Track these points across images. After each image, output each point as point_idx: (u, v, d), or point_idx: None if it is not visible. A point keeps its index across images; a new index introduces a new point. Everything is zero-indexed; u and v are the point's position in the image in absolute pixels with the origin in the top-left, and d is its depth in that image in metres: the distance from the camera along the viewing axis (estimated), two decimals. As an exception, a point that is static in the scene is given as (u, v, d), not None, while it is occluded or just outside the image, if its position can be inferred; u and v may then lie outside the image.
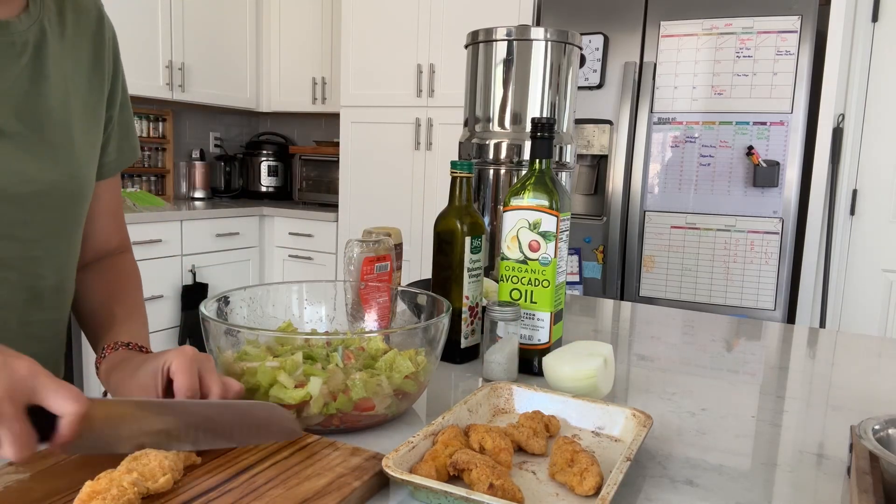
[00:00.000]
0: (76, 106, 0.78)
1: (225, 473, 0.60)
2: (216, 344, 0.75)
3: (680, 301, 2.57)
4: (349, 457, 0.64)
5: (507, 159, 1.29)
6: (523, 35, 1.27)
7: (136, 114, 3.62)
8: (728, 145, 2.46)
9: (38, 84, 0.73)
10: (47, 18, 0.76)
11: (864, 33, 2.43)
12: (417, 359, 0.76)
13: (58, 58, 0.76)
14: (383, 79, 3.30)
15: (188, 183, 3.92)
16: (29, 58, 0.73)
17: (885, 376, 1.05)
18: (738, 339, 1.27)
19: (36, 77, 0.73)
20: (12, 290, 0.75)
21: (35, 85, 0.73)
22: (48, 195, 0.75)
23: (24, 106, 0.72)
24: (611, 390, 0.90)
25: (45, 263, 0.77)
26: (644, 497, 0.62)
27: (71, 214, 0.80)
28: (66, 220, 0.79)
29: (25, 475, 0.57)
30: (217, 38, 3.68)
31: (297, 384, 0.70)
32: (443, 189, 3.14)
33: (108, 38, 0.85)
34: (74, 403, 0.54)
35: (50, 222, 0.77)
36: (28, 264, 0.75)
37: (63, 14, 0.79)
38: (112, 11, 0.97)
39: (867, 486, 0.56)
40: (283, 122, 4.39)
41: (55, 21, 0.77)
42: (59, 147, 0.75)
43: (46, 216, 0.76)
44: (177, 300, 3.25)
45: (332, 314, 0.95)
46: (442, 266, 0.98)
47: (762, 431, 0.80)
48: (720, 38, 2.44)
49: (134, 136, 0.92)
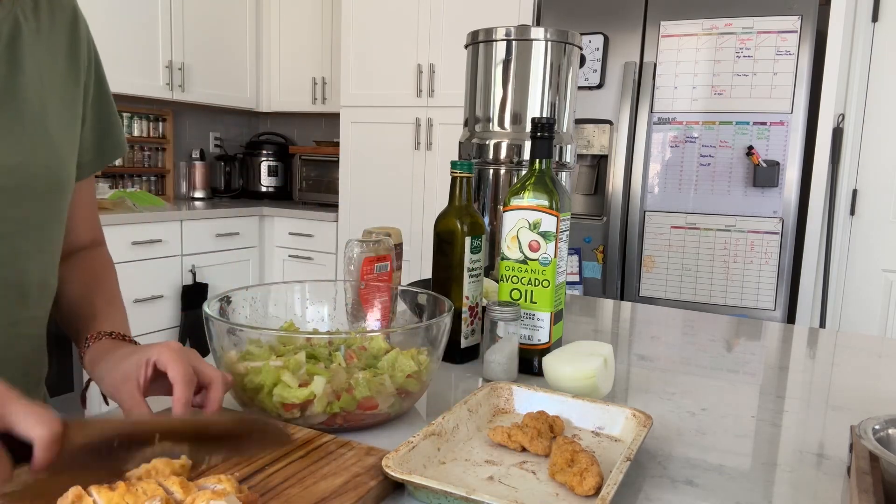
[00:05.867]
0: (53, 99, 0.77)
1: (241, 473, 0.60)
2: (220, 344, 0.75)
3: (680, 301, 2.58)
4: (364, 456, 0.64)
5: (507, 159, 1.29)
6: (523, 35, 1.27)
7: (137, 114, 3.62)
8: (728, 145, 2.47)
9: (12, 75, 0.72)
10: (21, 11, 0.75)
11: (864, 33, 2.43)
12: (419, 358, 0.76)
13: (33, 50, 0.75)
14: (383, 79, 3.30)
15: (188, 183, 3.92)
16: (3, 48, 0.72)
17: (885, 376, 1.05)
18: (738, 339, 1.27)
19: (10, 68, 0.72)
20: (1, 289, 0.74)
21: (10, 76, 0.72)
22: (29, 187, 0.74)
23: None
24: (611, 390, 0.90)
25: (30, 259, 0.77)
26: (644, 497, 0.62)
27: (51, 208, 0.79)
28: (47, 214, 0.78)
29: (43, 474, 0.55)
30: (217, 38, 3.68)
31: (301, 383, 0.70)
32: (443, 189, 3.14)
33: (83, 35, 0.84)
34: (44, 428, 0.52)
35: (31, 216, 0.76)
36: (13, 260, 0.74)
37: (38, 8, 0.77)
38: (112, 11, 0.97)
39: (867, 486, 0.56)
40: (283, 122, 4.39)
41: (30, 15, 0.76)
42: (37, 139, 0.74)
43: (28, 209, 0.75)
44: (177, 300, 3.25)
45: (333, 314, 0.96)
46: (442, 266, 0.98)
47: (762, 431, 0.80)
48: (720, 38, 2.45)
49: (118, 132, 0.91)
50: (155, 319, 3.16)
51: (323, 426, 0.71)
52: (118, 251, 2.91)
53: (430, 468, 0.64)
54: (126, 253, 2.96)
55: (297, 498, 0.56)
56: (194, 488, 0.53)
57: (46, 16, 0.78)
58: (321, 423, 0.71)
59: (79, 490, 0.51)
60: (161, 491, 0.52)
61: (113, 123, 0.90)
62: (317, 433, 0.68)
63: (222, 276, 3.48)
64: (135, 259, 3.01)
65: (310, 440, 0.67)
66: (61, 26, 0.80)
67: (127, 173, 3.66)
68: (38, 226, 0.77)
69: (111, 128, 0.90)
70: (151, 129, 3.72)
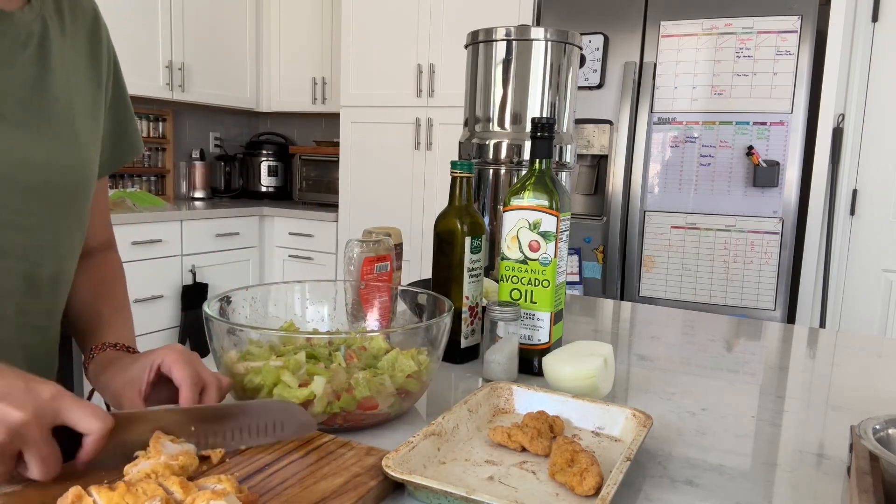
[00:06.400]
0: (78, 100, 0.79)
1: (241, 473, 0.60)
2: (220, 344, 0.75)
3: (680, 301, 2.58)
4: (364, 456, 0.64)
5: (507, 159, 1.29)
6: (523, 35, 1.27)
7: (137, 114, 3.60)
8: (728, 145, 2.47)
9: (42, 76, 0.74)
10: (47, 13, 0.77)
11: (864, 33, 2.43)
12: (419, 358, 0.76)
13: (60, 51, 0.77)
14: (383, 79, 3.30)
15: (188, 183, 3.92)
16: (34, 49, 0.74)
17: (885, 376, 1.05)
18: (738, 339, 1.27)
19: (41, 69, 0.74)
20: (10, 279, 0.75)
21: (40, 77, 0.74)
22: (53, 185, 0.76)
23: (29, 97, 0.73)
24: (611, 390, 0.90)
25: (46, 253, 0.78)
26: (644, 497, 0.62)
27: (74, 206, 0.80)
28: (68, 211, 0.80)
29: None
30: (217, 38, 3.68)
31: (301, 383, 0.70)
32: (443, 189, 3.14)
33: (104, 38, 0.86)
34: (100, 422, 0.56)
35: (53, 212, 0.77)
36: (29, 253, 0.76)
37: (61, 10, 0.80)
38: (112, 11, 0.97)
39: (867, 486, 0.56)
40: (283, 122, 4.39)
41: (54, 16, 0.78)
42: (65, 138, 0.76)
43: (50, 206, 0.76)
44: (177, 300, 3.25)
45: (333, 314, 0.96)
46: (442, 266, 0.98)
47: (762, 431, 0.80)
48: (720, 38, 2.45)
49: (134, 133, 0.93)
50: (155, 319, 3.16)
51: (323, 426, 0.71)
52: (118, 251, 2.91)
53: (430, 468, 0.64)
54: (126, 253, 2.96)
55: (297, 498, 0.56)
56: (194, 488, 0.53)
57: (69, 17, 0.81)
58: (321, 423, 0.71)
59: (79, 490, 0.51)
60: (161, 491, 0.52)
61: (130, 125, 0.93)
62: (317, 433, 0.68)
63: (222, 276, 3.48)
64: (135, 259, 3.01)
65: (310, 440, 0.67)
66: (82, 28, 0.83)
67: (127, 173, 3.66)
68: (58, 222, 0.79)
69: (128, 129, 0.92)
70: (151, 129, 3.72)
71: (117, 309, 0.88)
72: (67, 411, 0.55)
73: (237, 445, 0.64)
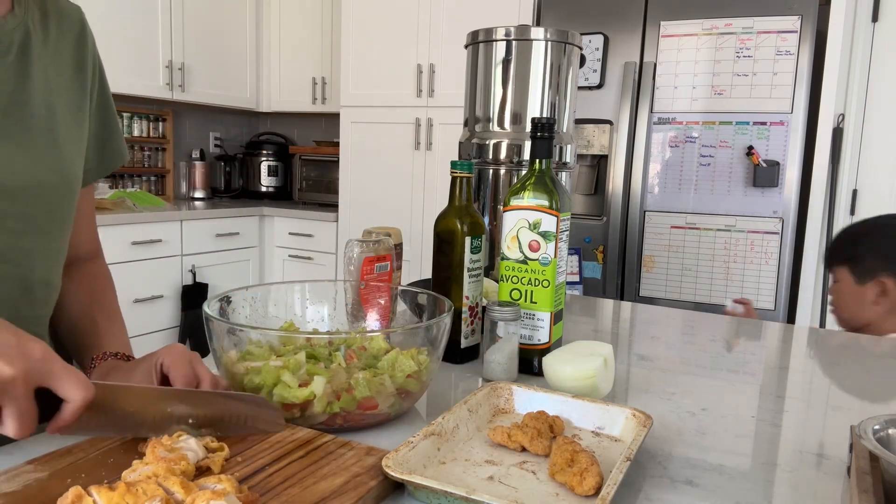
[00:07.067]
0: (61, 106, 0.80)
1: (241, 473, 0.60)
2: (220, 344, 0.75)
3: (680, 301, 2.58)
4: (364, 456, 0.64)
5: (507, 159, 1.29)
6: (523, 35, 1.27)
7: (137, 114, 3.62)
8: (728, 145, 2.47)
9: (23, 83, 0.75)
10: (31, 21, 0.78)
11: (864, 33, 2.43)
12: (419, 358, 0.76)
13: (41, 59, 0.78)
14: (383, 79, 3.30)
15: (188, 183, 3.92)
16: (14, 57, 0.75)
17: (885, 376, 1.05)
18: (738, 339, 1.27)
19: (20, 77, 0.75)
20: (6, 284, 0.76)
21: (20, 84, 0.75)
22: (37, 190, 0.76)
23: (9, 104, 0.74)
24: (611, 390, 0.90)
25: (36, 257, 0.79)
26: (644, 497, 0.62)
27: (59, 210, 0.81)
28: (54, 216, 0.81)
29: (44, 474, 0.58)
30: (217, 38, 3.68)
31: (301, 383, 0.70)
32: (443, 189, 3.14)
33: (90, 45, 0.87)
34: (83, 391, 0.57)
35: (39, 216, 0.78)
36: (19, 257, 0.77)
37: (46, 18, 0.81)
38: (112, 11, 0.98)
39: (867, 486, 0.56)
40: (283, 122, 4.39)
41: (38, 25, 0.79)
42: (45, 145, 0.77)
43: (36, 210, 0.77)
44: (177, 300, 3.25)
45: (333, 314, 0.96)
46: (442, 266, 0.98)
47: (762, 431, 0.80)
48: (720, 38, 2.45)
49: (118, 140, 0.94)
50: (155, 319, 3.16)
51: (323, 426, 0.71)
52: (118, 251, 2.91)
53: (430, 468, 0.64)
54: (126, 253, 2.96)
55: (297, 498, 0.56)
56: (195, 488, 0.53)
57: (55, 26, 0.82)
58: (321, 423, 0.71)
59: (79, 490, 0.51)
60: (161, 491, 0.52)
61: (114, 132, 0.93)
62: (317, 433, 0.68)
63: (222, 276, 3.48)
64: (135, 259, 3.01)
65: (310, 440, 0.67)
66: (68, 36, 0.84)
67: (127, 173, 3.66)
68: (44, 226, 0.80)
69: (112, 136, 0.93)
70: (151, 129, 3.72)
71: (112, 318, 0.89)
72: (54, 376, 0.56)
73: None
